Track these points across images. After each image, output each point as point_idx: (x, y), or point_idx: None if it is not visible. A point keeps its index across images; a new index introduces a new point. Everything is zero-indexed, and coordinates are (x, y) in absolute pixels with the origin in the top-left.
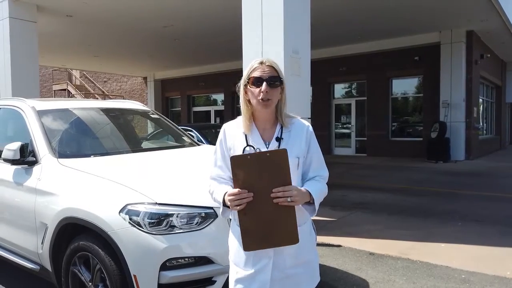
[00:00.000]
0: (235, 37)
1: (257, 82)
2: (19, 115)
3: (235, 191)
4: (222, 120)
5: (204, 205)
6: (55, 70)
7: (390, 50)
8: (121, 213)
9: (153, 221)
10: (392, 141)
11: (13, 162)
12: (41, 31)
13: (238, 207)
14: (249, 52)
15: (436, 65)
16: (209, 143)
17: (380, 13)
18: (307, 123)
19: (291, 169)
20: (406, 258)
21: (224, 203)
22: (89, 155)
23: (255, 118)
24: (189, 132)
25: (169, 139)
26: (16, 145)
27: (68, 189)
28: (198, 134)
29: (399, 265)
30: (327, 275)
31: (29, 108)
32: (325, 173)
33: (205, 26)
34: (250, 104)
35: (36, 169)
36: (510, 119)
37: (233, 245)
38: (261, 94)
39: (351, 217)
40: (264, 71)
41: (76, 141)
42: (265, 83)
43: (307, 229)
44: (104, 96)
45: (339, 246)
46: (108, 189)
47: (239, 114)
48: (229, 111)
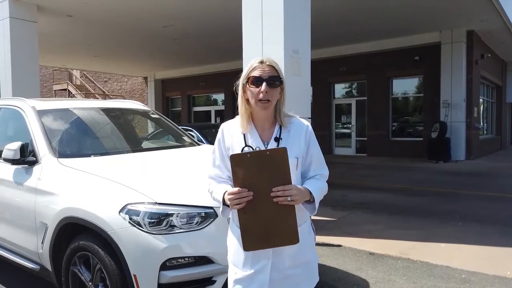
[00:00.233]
0: (236, 37)
1: (256, 81)
2: (19, 115)
3: (235, 190)
4: (222, 120)
5: (204, 204)
6: (55, 70)
7: (390, 50)
8: (121, 213)
9: (153, 220)
10: (392, 141)
11: (13, 162)
12: (41, 31)
13: (238, 206)
14: (249, 52)
15: (436, 65)
16: (209, 143)
17: (380, 13)
18: (306, 123)
19: (290, 169)
20: (406, 258)
21: (223, 202)
22: (89, 155)
23: (254, 117)
24: (190, 132)
25: (169, 139)
26: (16, 145)
27: (68, 189)
28: (198, 134)
29: (399, 265)
30: (327, 275)
31: (29, 108)
32: (325, 171)
33: (205, 26)
34: (248, 103)
35: (36, 169)
36: (510, 119)
37: (232, 245)
38: (261, 94)
39: (351, 217)
40: (264, 71)
41: (76, 141)
42: (264, 83)
43: (307, 229)
44: (104, 96)
45: (339, 246)
46: (108, 189)
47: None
48: (229, 111)
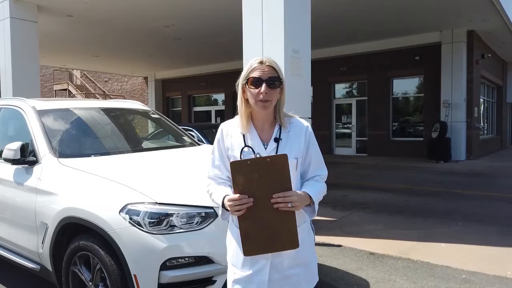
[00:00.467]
0: (236, 37)
1: (256, 82)
2: (19, 115)
3: (235, 196)
4: (222, 120)
5: (204, 204)
6: (56, 70)
7: (390, 49)
8: (121, 213)
9: (153, 220)
10: (392, 141)
11: (13, 161)
12: (41, 31)
13: (238, 213)
14: (249, 51)
15: (437, 65)
16: (209, 142)
17: (381, 12)
18: (306, 123)
19: (290, 175)
20: (406, 258)
21: (223, 205)
22: (89, 155)
23: (253, 118)
24: (190, 132)
25: (169, 139)
26: (16, 145)
27: (68, 189)
28: (198, 134)
29: (400, 265)
30: (328, 275)
31: (29, 108)
32: (325, 173)
33: (206, 26)
34: (248, 103)
35: (36, 168)
36: (511, 119)
37: (231, 246)
38: (260, 95)
39: (351, 217)
40: (263, 71)
41: (76, 141)
42: (264, 84)
43: (306, 229)
44: (105, 96)
45: (339, 246)
46: (108, 189)
47: None
48: (230, 111)
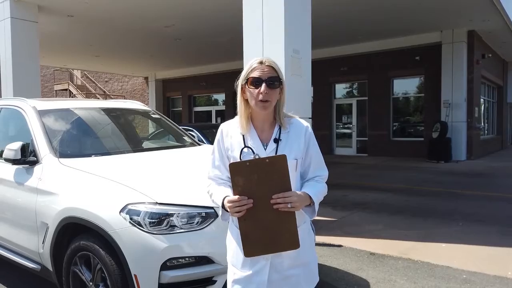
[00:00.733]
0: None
1: (256, 82)
2: (20, 115)
3: (235, 198)
4: (223, 120)
5: (204, 204)
6: (56, 70)
7: (391, 50)
8: (121, 213)
9: (153, 220)
10: (393, 141)
11: (14, 161)
12: (42, 31)
13: (238, 214)
14: (250, 52)
15: (437, 65)
16: (210, 143)
17: (381, 12)
18: (306, 124)
19: (289, 175)
20: (407, 258)
21: (223, 206)
22: (90, 155)
23: (253, 118)
24: (190, 132)
25: (170, 139)
26: (17, 145)
27: (69, 189)
28: (199, 134)
29: (400, 265)
30: (328, 275)
31: (30, 108)
32: (325, 173)
33: (206, 26)
34: (247, 103)
35: (37, 169)
36: (511, 119)
37: (231, 246)
38: (260, 95)
39: (352, 217)
40: (263, 72)
41: (77, 141)
42: (264, 84)
43: (306, 230)
44: (105, 96)
45: (340, 246)
46: (108, 189)
47: None
48: (230, 111)
